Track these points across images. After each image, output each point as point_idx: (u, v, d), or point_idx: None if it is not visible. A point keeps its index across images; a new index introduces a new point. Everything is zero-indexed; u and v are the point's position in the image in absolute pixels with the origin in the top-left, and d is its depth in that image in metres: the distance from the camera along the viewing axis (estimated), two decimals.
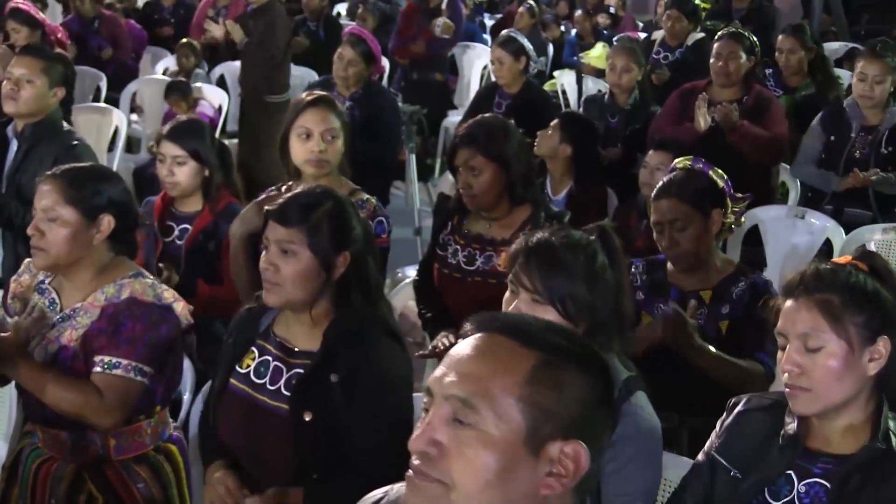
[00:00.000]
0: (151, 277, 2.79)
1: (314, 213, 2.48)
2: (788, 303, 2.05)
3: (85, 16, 8.40)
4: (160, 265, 3.60)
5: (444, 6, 8.57)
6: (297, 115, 3.50)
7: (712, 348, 2.93)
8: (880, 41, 5.91)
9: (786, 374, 2.04)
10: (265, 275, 2.50)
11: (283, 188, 3.52)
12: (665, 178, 3.22)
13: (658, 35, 7.28)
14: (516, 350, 1.38)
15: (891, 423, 2.05)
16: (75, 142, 4.18)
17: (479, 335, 1.41)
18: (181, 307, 2.74)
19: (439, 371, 1.41)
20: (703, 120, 5.06)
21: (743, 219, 3.35)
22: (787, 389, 2.05)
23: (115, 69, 8.05)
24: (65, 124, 4.27)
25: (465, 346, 1.41)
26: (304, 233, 2.46)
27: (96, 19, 8.39)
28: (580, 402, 1.38)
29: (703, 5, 8.36)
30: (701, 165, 3.22)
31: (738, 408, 2.21)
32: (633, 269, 3.20)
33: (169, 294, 2.74)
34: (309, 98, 3.52)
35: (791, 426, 2.10)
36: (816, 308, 2.01)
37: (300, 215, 2.48)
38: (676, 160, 3.32)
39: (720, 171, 3.21)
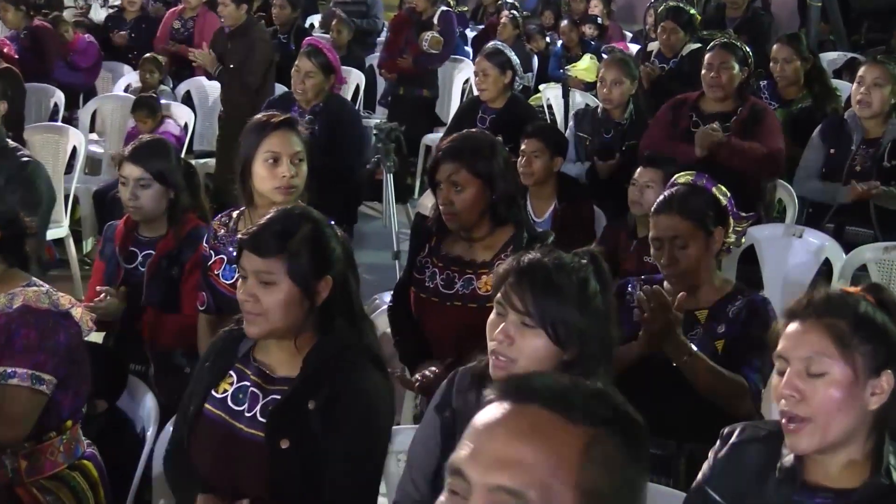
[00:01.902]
0: (46, 285, 2.82)
1: (291, 239, 2.50)
2: (793, 325, 2.06)
3: (11, 28, 8.38)
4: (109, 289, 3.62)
5: (436, 19, 8.58)
6: (262, 140, 3.46)
7: (694, 347, 2.95)
8: (879, 51, 5.99)
9: (783, 401, 2.05)
10: (245, 307, 2.52)
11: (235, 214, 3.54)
12: (666, 193, 3.26)
13: (654, 47, 7.37)
14: (564, 427, 1.26)
15: (892, 458, 2.06)
16: (26, 159, 4.18)
17: (513, 407, 1.28)
18: (80, 313, 2.77)
19: (470, 450, 1.27)
20: (699, 146, 5.10)
21: (743, 239, 3.38)
22: (784, 420, 2.05)
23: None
24: (10, 142, 4.27)
25: (500, 422, 1.27)
26: (282, 261, 2.48)
27: (25, 31, 8.31)
28: (629, 475, 1.30)
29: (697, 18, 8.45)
30: (704, 181, 3.25)
31: (733, 439, 2.22)
32: (629, 289, 3.23)
33: (65, 300, 2.77)
34: (273, 120, 3.50)
35: (788, 458, 2.11)
36: (825, 331, 2.02)
37: (277, 244, 2.50)
38: (678, 175, 3.35)
39: (724, 187, 3.25)
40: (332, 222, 2.64)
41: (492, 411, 1.29)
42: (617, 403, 1.34)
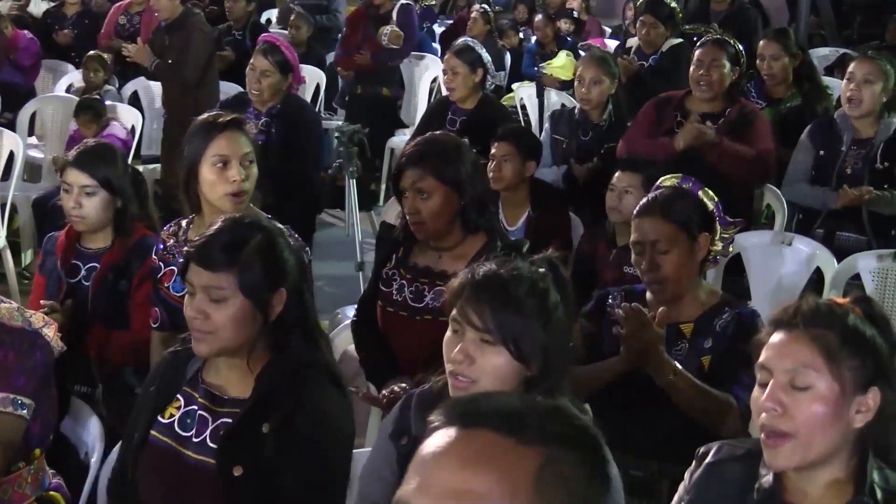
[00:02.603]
0: (13, 301, 2.81)
1: (242, 251, 2.50)
2: (778, 335, 2.09)
3: None
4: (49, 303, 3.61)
5: (394, 13, 8.60)
6: (208, 143, 3.46)
7: (678, 365, 2.97)
8: (872, 46, 6.05)
9: (764, 415, 2.06)
10: (193, 324, 2.51)
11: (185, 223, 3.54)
12: (650, 195, 3.28)
13: (633, 42, 7.41)
14: (515, 450, 1.27)
15: (876, 476, 2.09)
16: None
17: (460, 433, 1.28)
18: (52, 332, 2.76)
19: (417, 482, 1.27)
20: (682, 140, 5.13)
21: (731, 247, 3.41)
22: (763, 435, 2.07)
23: None
24: None
25: (447, 450, 1.27)
26: (233, 275, 2.48)
27: None
28: (587, 493, 1.30)
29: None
30: (690, 184, 3.27)
31: (709, 458, 2.25)
32: (609, 300, 3.26)
33: (37, 318, 2.76)
34: (220, 121, 3.50)
35: (766, 478, 2.13)
36: (812, 343, 2.05)
37: (227, 256, 2.49)
38: (663, 178, 3.37)
39: (711, 192, 3.28)
40: (290, 231, 2.64)
41: (438, 439, 1.29)
42: (571, 418, 1.34)
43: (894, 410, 2.08)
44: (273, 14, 11.95)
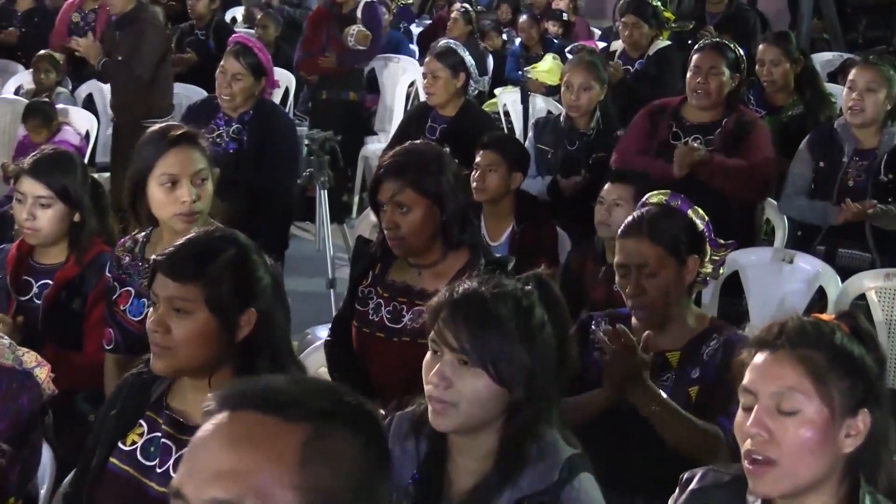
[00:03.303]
0: (5, 337, 2.80)
1: (212, 263, 2.51)
2: (762, 356, 2.11)
3: None
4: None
5: (359, 12, 8.62)
6: (157, 159, 3.44)
7: (664, 394, 2.99)
8: (877, 52, 6.09)
9: (748, 441, 2.08)
10: (153, 338, 2.52)
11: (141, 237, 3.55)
12: (635, 213, 3.29)
13: (617, 46, 7.43)
14: (279, 427, 1.37)
15: (868, 502, 2.11)
16: None
17: (225, 415, 1.39)
18: (44, 374, 2.76)
19: (186, 467, 1.38)
20: (678, 167, 5.15)
21: (722, 270, 3.43)
22: (747, 462, 2.09)
23: None
24: None
25: (212, 433, 1.38)
26: (200, 287, 2.49)
27: None
28: (358, 468, 1.40)
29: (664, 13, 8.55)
30: (679, 202, 3.28)
31: (693, 485, 2.28)
32: (593, 327, 3.27)
33: (30, 357, 2.75)
34: (170, 135, 3.48)
35: None
36: (799, 364, 2.07)
37: (196, 267, 2.51)
38: (650, 194, 3.38)
39: (701, 211, 3.30)
40: (261, 248, 2.65)
41: (208, 425, 1.40)
42: (341, 396, 1.44)
43: (884, 432, 2.11)
44: (238, 12, 11.97)
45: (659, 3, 7.41)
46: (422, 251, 3.46)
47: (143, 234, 3.56)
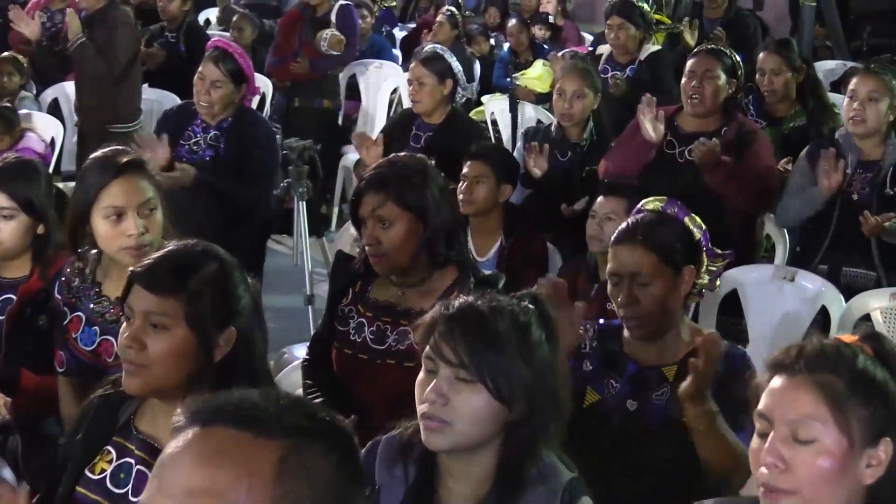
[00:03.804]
0: None
1: (194, 277, 2.51)
2: (779, 380, 2.11)
3: None
4: None
5: (333, 15, 8.62)
6: (101, 190, 3.40)
7: (715, 407, 2.91)
8: (881, 60, 6.10)
9: (763, 469, 2.08)
10: (126, 354, 2.51)
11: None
12: (630, 220, 3.30)
13: (604, 50, 7.45)
14: (253, 443, 1.40)
15: None
16: None
17: (198, 431, 1.42)
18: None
19: (154, 487, 1.40)
20: (650, 126, 5.17)
21: (718, 281, 3.43)
22: (763, 490, 2.09)
23: None
24: None
25: (183, 449, 1.41)
26: (180, 302, 2.49)
27: None
28: (333, 484, 1.42)
29: (658, 17, 8.58)
30: (676, 209, 3.30)
31: None
32: (580, 332, 3.27)
33: None
34: (114, 163, 3.43)
35: None
36: (817, 390, 2.07)
37: (176, 280, 2.51)
38: (646, 200, 3.40)
39: (698, 219, 3.31)
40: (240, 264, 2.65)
41: (177, 440, 1.42)
42: (314, 412, 1.48)
43: None
44: (212, 14, 11.96)
45: (646, 4, 7.43)
46: (405, 268, 3.46)
47: (94, 252, 3.52)
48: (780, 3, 12.19)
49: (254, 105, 8.24)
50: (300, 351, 4.62)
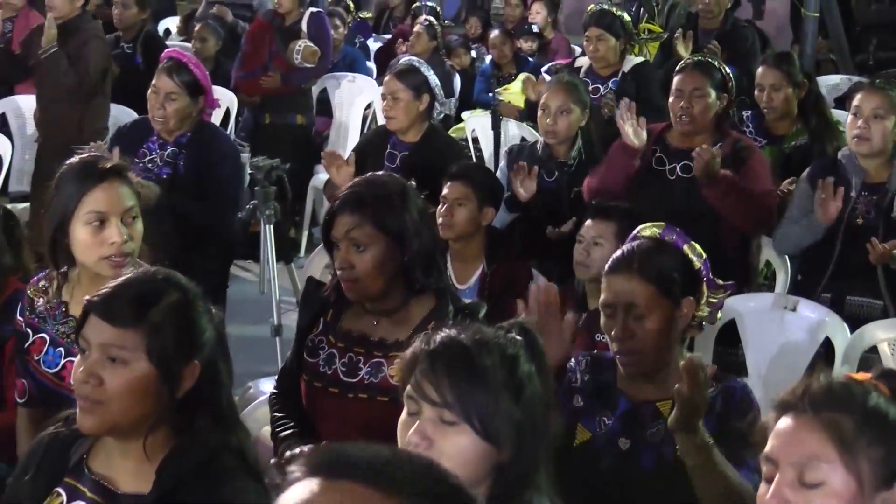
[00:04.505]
0: None
1: (155, 307, 2.52)
2: (785, 420, 2.12)
3: None
4: None
5: (304, 24, 8.63)
6: (82, 196, 3.42)
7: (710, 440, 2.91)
8: (888, 75, 6.13)
9: None
10: (82, 390, 2.50)
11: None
12: (626, 247, 3.31)
13: (583, 62, 7.45)
14: (382, 502, 1.37)
15: None
16: None
17: (322, 484, 1.39)
18: None
19: None
20: (632, 132, 5.19)
21: (719, 314, 3.44)
22: None
23: None
24: None
25: (309, 503, 1.37)
26: (140, 334, 2.49)
27: None
28: None
29: (649, 27, 8.61)
30: (674, 237, 3.31)
31: None
32: (571, 363, 3.29)
33: None
34: (96, 169, 3.46)
35: None
36: (823, 430, 2.08)
37: (136, 311, 2.51)
38: (642, 226, 3.40)
39: (699, 247, 3.32)
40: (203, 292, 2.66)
41: (299, 491, 1.38)
42: (445, 476, 1.43)
43: None
44: (172, 23, 11.98)
45: (626, 14, 7.46)
46: (379, 295, 3.46)
47: (59, 272, 3.54)
48: (781, 14, 12.27)
49: (217, 121, 8.29)
50: (267, 385, 4.61)
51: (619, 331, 3.17)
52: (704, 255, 3.31)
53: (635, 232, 3.40)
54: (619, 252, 3.31)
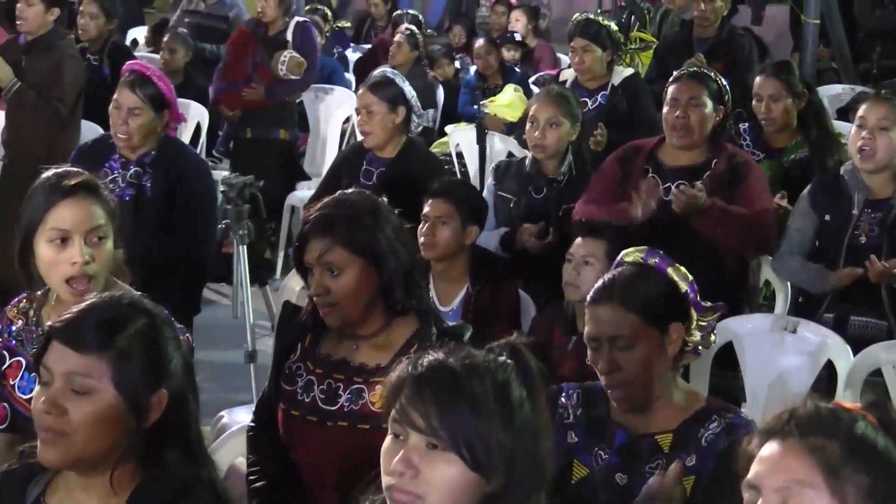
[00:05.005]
0: None
1: (121, 333, 2.52)
2: (770, 446, 2.14)
3: None
4: None
5: (289, 34, 8.63)
6: (47, 211, 3.45)
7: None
8: (893, 84, 6.15)
9: None
10: (43, 421, 2.49)
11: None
12: (607, 276, 3.31)
13: (568, 75, 7.40)
14: None
15: None
16: None
17: None
18: None
19: None
20: (641, 208, 5.18)
21: (713, 336, 3.43)
22: None
23: None
24: None
25: None
26: (106, 362, 2.49)
27: None
28: None
29: (640, 35, 8.61)
30: (657, 260, 3.31)
31: None
32: (562, 399, 3.31)
33: None
34: (65, 183, 3.48)
35: None
36: (808, 455, 2.10)
37: (101, 338, 2.50)
38: (625, 252, 3.41)
39: (683, 269, 3.32)
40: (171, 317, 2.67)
41: None
42: None
43: None
44: (140, 33, 11.99)
45: (613, 24, 7.44)
46: (359, 320, 3.48)
47: (38, 293, 3.55)
48: (780, 20, 12.31)
49: (187, 137, 8.30)
50: (240, 415, 4.63)
51: (606, 364, 3.19)
52: (690, 277, 3.31)
53: (619, 258, 3.42)
54: (599, 282, 3.31)
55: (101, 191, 3.55)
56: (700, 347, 3.36)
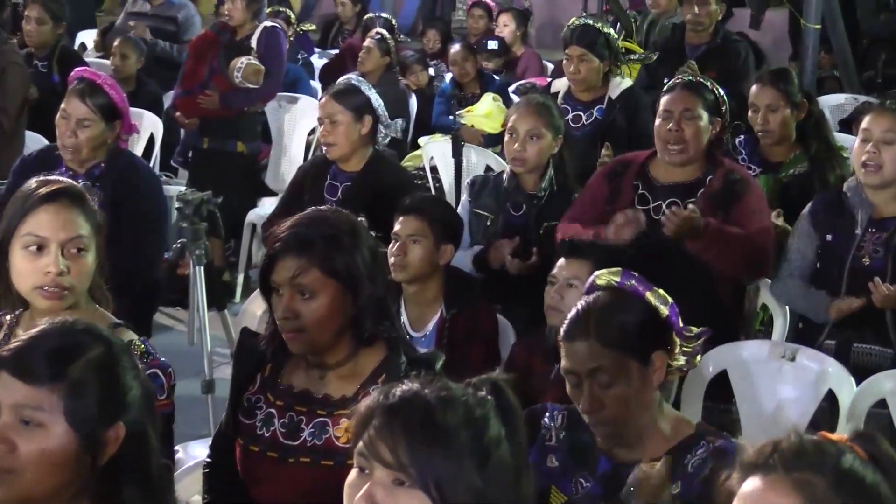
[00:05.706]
0: None
1: (75, 363, 2.52)
2: (752, 481, 2.16)
3: None
4: None
5: (254, 40, 8.58)
6: (24, 217, 3.48)
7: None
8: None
9: None
10: None
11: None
12: (580, 306, 3.33)
13: (560, 86, 7.33)
14: None
15: None
16: None
17: None
18: None
19: None
20: (613, 234, 5.17)
21: (698, 358, 3.45)
22: None
23: None
24: None
25: None
26: (58, 394, 2.49)
27: None
28: None
29: (626, 45, 8.61)
30: (633, 282, 3.32)
31: None
32: (546, 419, 3.34)
33: None
34: (44, 190, 3.51)
35: None
36: (794, 491, 2.11)
37: (52, 368, 2.50)
38: (596, 274, 3.43)
39: (662, 291, 3.34)
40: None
41: None
42: None
43: None
44: (89, 38, 11.96)
45: (612, 31, 7.38)
46: (326, 348, 3.47)
47: (11, 314, 3.56)
48: (779, 25, 12.35)
49: (139, 149, 8.28)
50: (197, 449, 4.63)
51: (587, 403, 3.22)
52: (670, 300, 3.33)
53: (590, 281, 3.42)
54: (573, 312, 3.33)
55: (87, 201, 3.59)
56: (684, 368, 3.38)
